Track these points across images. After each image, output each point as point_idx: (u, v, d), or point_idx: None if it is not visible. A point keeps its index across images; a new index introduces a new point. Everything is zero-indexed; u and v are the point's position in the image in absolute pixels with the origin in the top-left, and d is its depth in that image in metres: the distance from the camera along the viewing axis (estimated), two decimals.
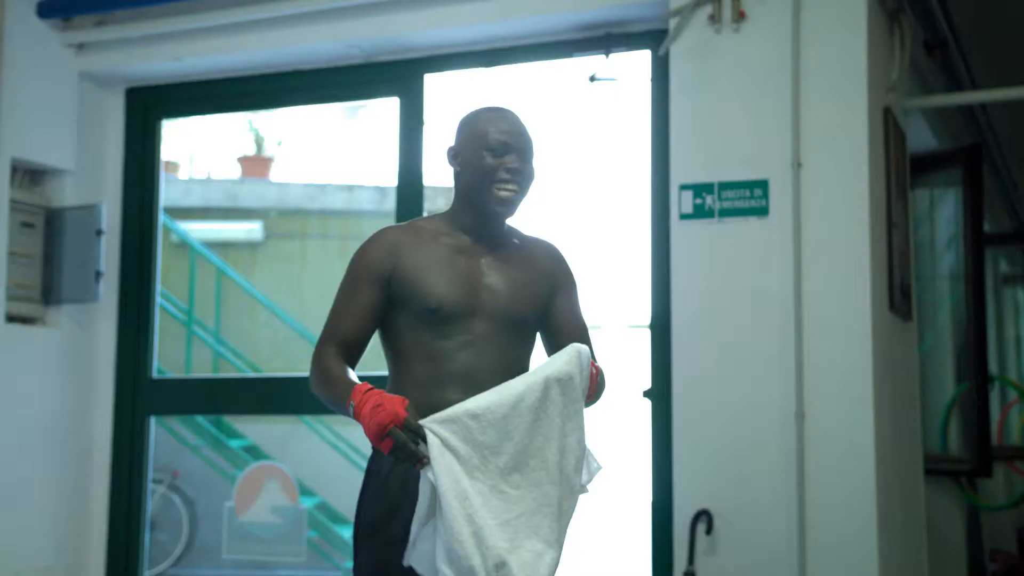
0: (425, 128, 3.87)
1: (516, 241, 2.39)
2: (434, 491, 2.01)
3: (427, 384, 2.23)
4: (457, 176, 2.35)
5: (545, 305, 2.37)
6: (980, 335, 4.37)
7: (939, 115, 4.82)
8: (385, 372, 2.32)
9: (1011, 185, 6.58)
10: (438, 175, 3.96)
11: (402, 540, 2.16)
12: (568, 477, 2.11)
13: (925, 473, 4.07)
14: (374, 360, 2.47)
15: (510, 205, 2.30)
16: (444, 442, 2.01)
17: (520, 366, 2.31)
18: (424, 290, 2.25)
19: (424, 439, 2.00)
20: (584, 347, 2.18)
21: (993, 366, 6.24)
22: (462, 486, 2.00)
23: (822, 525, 3.06)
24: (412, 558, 2.08)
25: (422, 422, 2.02)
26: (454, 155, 2.34)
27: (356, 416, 2.07)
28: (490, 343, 2.27)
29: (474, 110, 2.37)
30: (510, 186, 2.29)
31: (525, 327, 2.33)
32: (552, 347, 2.38)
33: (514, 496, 2.06)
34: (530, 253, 2.39)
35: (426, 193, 3.91)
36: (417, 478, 2.13)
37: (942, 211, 5.00)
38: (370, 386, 2.08)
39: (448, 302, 2.24)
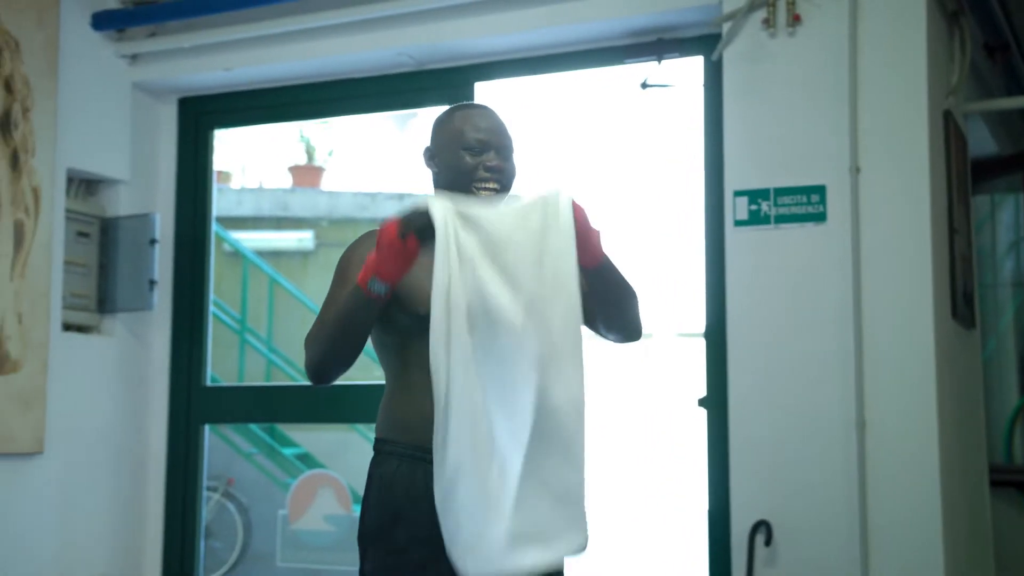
0: None
1: None
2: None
3: (426, 392, 2.15)
4: (435, 178, 2.29)
5: None
6: None
7: (1000, 119, 4.72)
8: (380, 381, 2.29)
9: None
10: None
11: (405, 548, 2.14)
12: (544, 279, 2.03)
13: (990, 484, 3.97)
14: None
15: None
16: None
17: None
18: (412, 296, 2.19)
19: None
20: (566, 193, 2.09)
21: None
22: (449, 245, 2.00)
23: (886, 536, 3.00)
24: None
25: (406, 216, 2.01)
26: (431, 156, 2.28)
27: (376, 275, 2.03)
28: None
29: (448, 108, 2.31)
30: (491, 184, 2.22)
31: None
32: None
33: (485, 275, 2.02)
34: None
35: None
36: (420, 483, 2.14)
37: (1002, 217, 4.90)
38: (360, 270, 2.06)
39: None
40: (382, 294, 2.06)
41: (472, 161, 2.22)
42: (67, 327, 3.89)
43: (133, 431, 4.10)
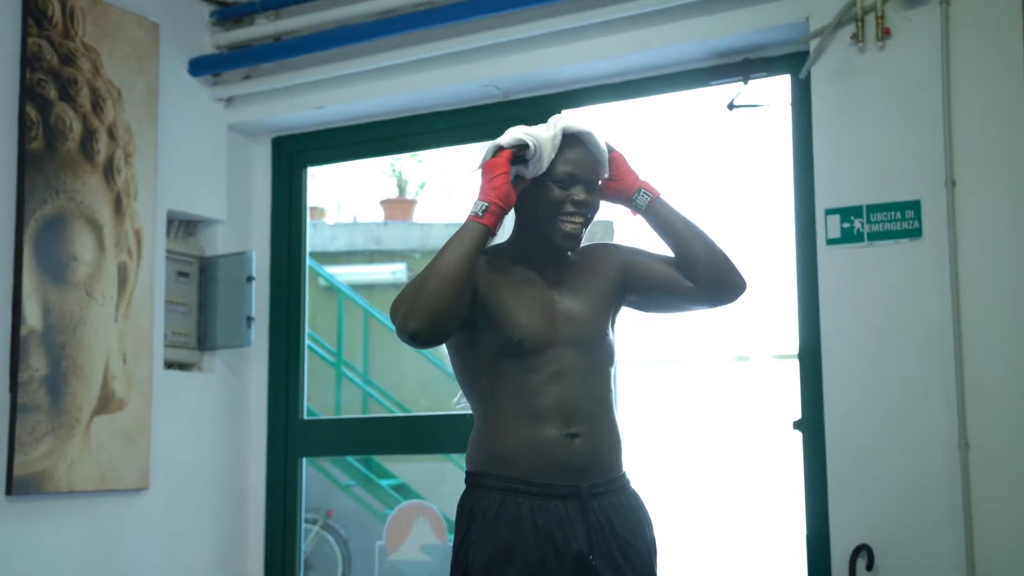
0: None
1: (574, 257, 2.37)
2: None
3: (522, 422, 2.20)
4: (518, 205, 2.31)
5: (616, 305, 2.36)
6: None
7: None
8: (463, 411, 2.31)
9: None
10: None
11: None
12: None
13: None
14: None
15: (576, 239, 2.28)
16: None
17: (607, 389, 2.30)
18: (505, 322, 2.21)
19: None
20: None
21: None
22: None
23: (993, 559, 2.90)
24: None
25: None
26: (516, 177, 2.29)
27: (488, 197, 2.20)
28: (577, 372, 2.24)
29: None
30: (576, 219, 2.26)
31: (603, 341, 2.30)
32: (658, 291, 2.37)
33: None
34: (589, 263, 2.36)
35: None
36: (526, 516, 2.15)
37: None
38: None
39: (530, 334, 2.21)
40: (480, 213, 2.16)
41: (560, 194, 2.25)
42: (169, 365, 3.99)
43: (233, 465, 4.18)
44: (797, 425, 3.37)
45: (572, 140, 2.30)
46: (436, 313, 2.11)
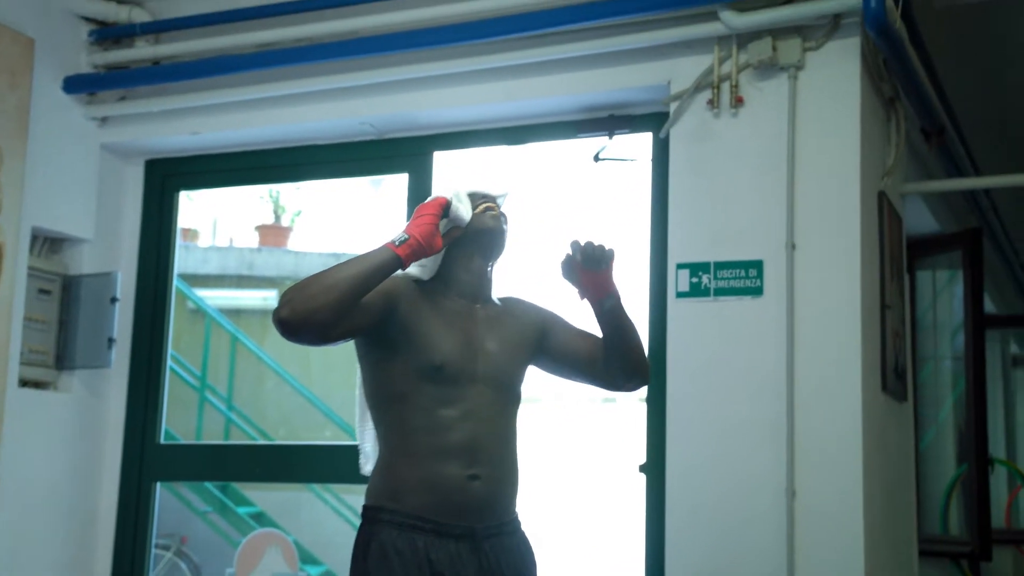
0: None
1: (499, 302, 2.49)
2: None
3: (427, 458, 2.27)
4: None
5: (530, 359, 2.48)
6: (980, 417, 4.39)
7: (942, 198, 4.88)
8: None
9: (1020, 267, 6.61)
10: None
11: None
12: None
13: (925, 555, 4.05)
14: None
15: (500, 223, 2.43)
16: None
17: (513, 431, 2.40)
18: (428, 345, 2.29)
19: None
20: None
21: (1001, 450, 6.22)
22: None
23: None
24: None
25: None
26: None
27: (408, 230, 2.26)
28: (489, 412, 2.33)
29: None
30: (493, 208, 2.43)
31: (516, 387, 2.42)
32: (571, 364, 2.49)
33: None
34: (514, 312, 2.49)
35: None
36: (421, 552, 2.22)
37: (956, 292, 5.01)
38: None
39: (451, 361, 2.29)
40: (396, 243, 2.23)
41: (476, 203, 2.43)
42: (24, 383, 3.93)
43: (84, 487, 4.12)
44: (642, 468, 3.50)
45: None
46: (310, 311, 2.13)
